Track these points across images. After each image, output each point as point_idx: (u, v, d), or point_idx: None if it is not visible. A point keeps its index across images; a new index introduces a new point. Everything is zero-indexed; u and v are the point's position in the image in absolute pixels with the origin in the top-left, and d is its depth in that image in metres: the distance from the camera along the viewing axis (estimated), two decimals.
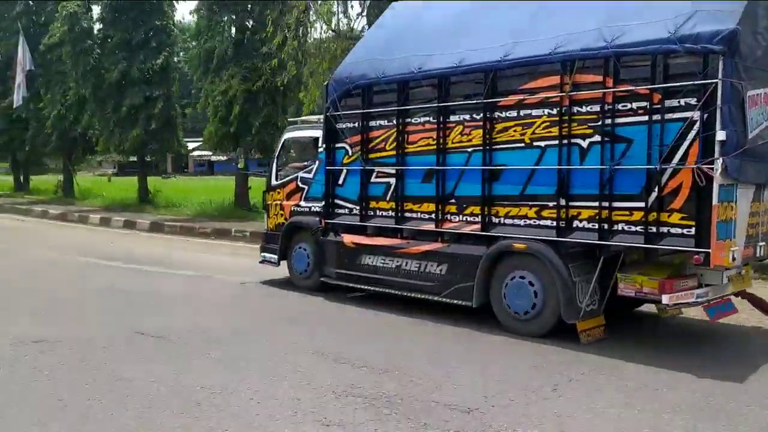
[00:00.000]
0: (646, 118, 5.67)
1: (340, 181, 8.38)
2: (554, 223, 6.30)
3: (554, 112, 6.26)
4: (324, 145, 8.54)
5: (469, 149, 6.97)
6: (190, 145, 45.51)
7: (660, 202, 5.61)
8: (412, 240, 7.64)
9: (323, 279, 8.67)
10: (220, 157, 21.79)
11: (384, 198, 7.85)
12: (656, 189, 5.61)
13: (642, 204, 5.72)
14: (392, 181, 7.74)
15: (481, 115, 6.82)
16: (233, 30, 18.53)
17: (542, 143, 6.38)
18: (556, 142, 6.25)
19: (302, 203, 9.13)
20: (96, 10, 23.00)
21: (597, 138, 5.99)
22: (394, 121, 7.67)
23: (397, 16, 8.71)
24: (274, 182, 9.65)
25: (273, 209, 9.64)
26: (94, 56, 21.98)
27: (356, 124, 8.10)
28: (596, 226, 6.01)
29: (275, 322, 7.29)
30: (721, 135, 5.26)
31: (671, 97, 5.52)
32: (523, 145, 6.53)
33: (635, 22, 5.81)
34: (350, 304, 8.20)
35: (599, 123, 5.97)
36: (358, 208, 8.15)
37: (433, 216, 7.32)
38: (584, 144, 6.10)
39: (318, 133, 8.98)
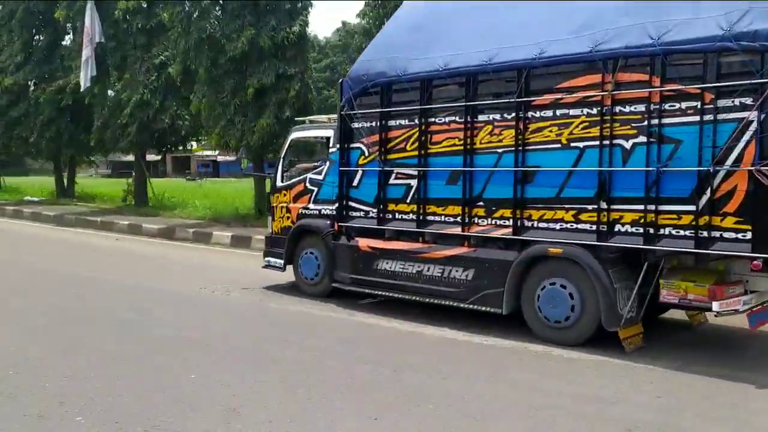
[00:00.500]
0: (696, 118, 5.47)
1: (355, 183, 8.05)
2: (594, 227, 6.07)
3: (594, 111, 6.04)
4: (338, 145, 8.20)
5: (500, 150, 6.71)
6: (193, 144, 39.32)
7: (712, 206, 5.41)
8: (434, 244, 7.35)
9: (335, 285, 8.32)
10: (226, 157, 17.95)
11: (404, 200, 7.54)
12: (708, 192, 5.41)
13: (692, 207, 5.51)
14: (413, 182, 7.44)
15: (513, 114, 6.56)
16: None
17: (580, 144, 6.15)
18: (597, 142, 6.02)
19: (311, 206, 8.78)
20: None
21: (642, 139, 5.77)
22: (416, 121, 7.38)
23: (413, 13, 8.40)
24: (279, 183, 9.27)
25: (278, 212, 9.26)
26: (211, 21, 16.24)
27: (374, 124, 7.79)
28: (641, 230, 5.79)
29: None
30: None
31: (724, 97, 5.33)
32: (559, 145, 6.29)
33: (681, 18, 5.61)
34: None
35: (644, 123, 5.75)
36: (375, 210, 7.83)
37: (459, 219, 7.04)
38: (627, 145, 5.87)
39: (329, 133, 8.67)
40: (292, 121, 14.78)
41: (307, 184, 8.84)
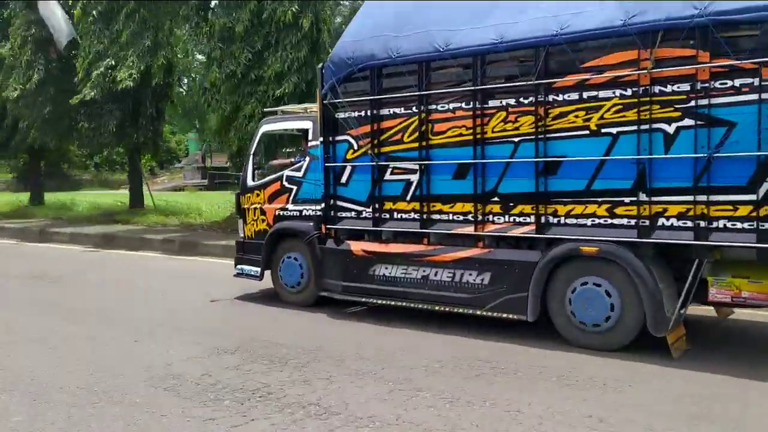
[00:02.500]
0: (754, 96, 4.87)
1: (344, 180, 7.19)
2: (633, 222, 5.44)
3: (629, 92, 5.38)
4: (320, 139, 7.31)
5: (516, 139, 5.99)
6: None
7: None
8: (441, 245, 6.60)
9: (324, 293, 7.47)
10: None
11: (403, 198, 6.75)
12: None
13: (751, 197, 4.94)
14: (413, 177, 6.65)
15: (531, 98, 5.85)
16: None
17: (613, 129, 5.49)
18: (633, 127, 5.38)
19: (290, 206, 7.87)
20: None
21: (687, 122, 5.16)
22: (414, 109, 6.57)
23: None
24: (251, 183, 8.31)
25: (251, 214, 8.31)
26: None
27: (363, 113, 6.94)
28: (689, 224, 5.19)
29: None
30: None
31: None
32: (587, 132, 5.62)
33: None
34: None
35: (690, 104, 5.13)
36: (369, 210, 7.01)
37: (470, 217, 6.30)
38: (670, 129, 5.25)
39: (307, 125, 7.77)
40: None
41: (285, 183, 7.92)
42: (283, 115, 8.45)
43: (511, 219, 6.08)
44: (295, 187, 7.82)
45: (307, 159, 7.68)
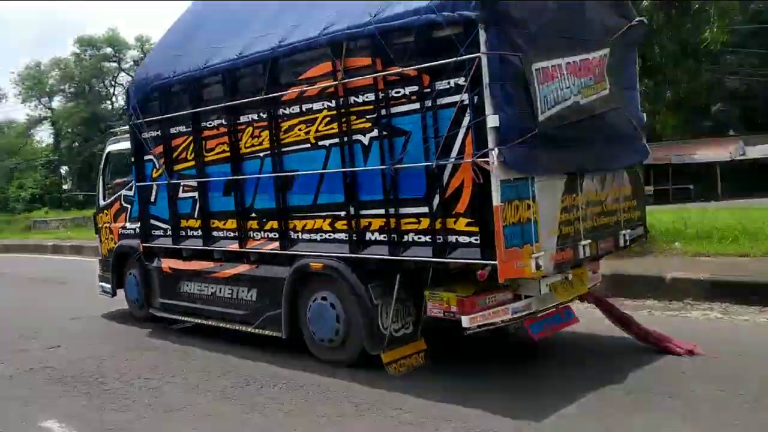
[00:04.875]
0: (418, 105, 4.65)
1: (152, 199, 7.31)
2: (347, 237, 5.30)
3: (333, 104, 5.23)
4: (133, 159, 7.45)
5: (261, 154, 5.93)
6: None
7: (445, 206, 4.60)
8: (226, 262, 6.61)
9: (151, 311, 7.62)
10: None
11: (192, 215, 6.80)
12: (439, 190, 4.61)
13: (427, 209, 4.71)
14: (197, 195, 6.69)
15: (266, 113, 5.77)
16: None
17: (326, 142, 5.36)
18: (338, 140, 5.23)
19: (128, 225, 8.08)
20: None
21: (376, 133, 4.97)
22: (191, 127, 6.60)
23: (201, 5, 7.57)
24: (101, 202, 8.57)
25: (104, 233, 8.60)
26: None
27: (158, 132, 7.02)
28: (386, 238, 5.00)
29: None
30: (493, 120, 4.24)
31: (440, 78, 4.50)
32: (309, 146, 5.50)
33: None
34: None
35: (375, 114, 4.94)
36: (171, 228, 7.10)
37: (237, 233, 6.29)
38: (365, 140, 5.07)
39: None
40: None
41: (123, 202, 8.14)
42: (125, 134, 8.61)
43: (266, 235, 6.03)
44: (129, 206, 8.00)
45: None
